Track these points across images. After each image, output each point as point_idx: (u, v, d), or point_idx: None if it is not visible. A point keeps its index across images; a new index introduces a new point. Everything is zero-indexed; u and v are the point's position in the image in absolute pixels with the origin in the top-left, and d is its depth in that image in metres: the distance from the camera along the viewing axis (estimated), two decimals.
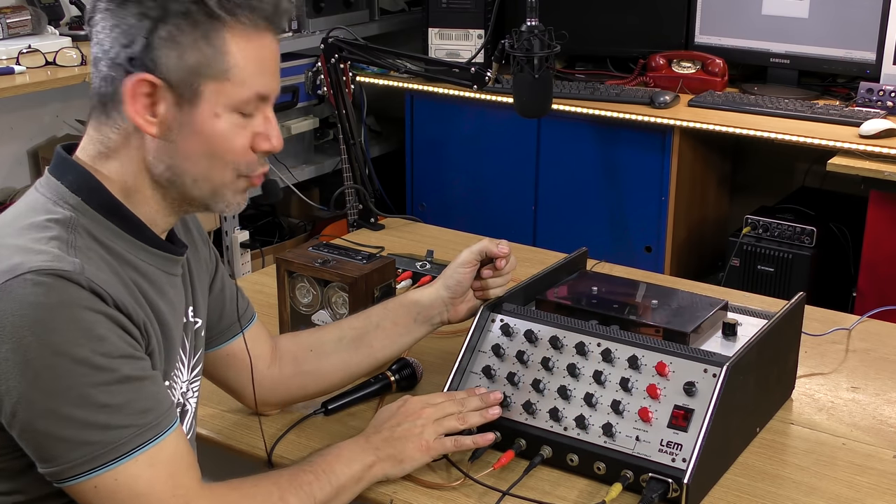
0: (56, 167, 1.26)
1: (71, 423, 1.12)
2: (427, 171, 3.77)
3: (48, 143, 3.54)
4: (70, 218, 1.20)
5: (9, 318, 1.10)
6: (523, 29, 2.04)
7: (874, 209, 2.85)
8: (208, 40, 1.18)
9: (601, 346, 1.44)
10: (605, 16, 3.60)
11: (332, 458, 1.35)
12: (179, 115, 1.21)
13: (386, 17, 4.14)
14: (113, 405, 1.14)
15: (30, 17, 3.23)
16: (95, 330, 1.13)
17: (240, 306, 1.51)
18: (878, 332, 1.86)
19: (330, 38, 2.38)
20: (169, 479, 1.18)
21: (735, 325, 1.54)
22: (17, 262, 1.13)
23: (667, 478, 1.32)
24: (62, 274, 1.12)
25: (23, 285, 1.11)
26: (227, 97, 1.21)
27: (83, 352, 1.12)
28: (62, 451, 1.13)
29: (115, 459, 1.14)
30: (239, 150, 1.24)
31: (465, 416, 1.43)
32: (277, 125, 1.28)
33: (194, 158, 1.23)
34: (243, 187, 1.28)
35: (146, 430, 1.16)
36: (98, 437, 1.13)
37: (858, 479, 1.42)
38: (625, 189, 3.36)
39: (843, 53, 3.27)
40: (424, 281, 2.02)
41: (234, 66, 1.20)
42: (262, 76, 1.23)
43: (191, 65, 1.18)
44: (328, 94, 2.40)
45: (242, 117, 1.23)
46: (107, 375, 1.13)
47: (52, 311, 1.11)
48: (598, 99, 3.30)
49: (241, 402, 1.56)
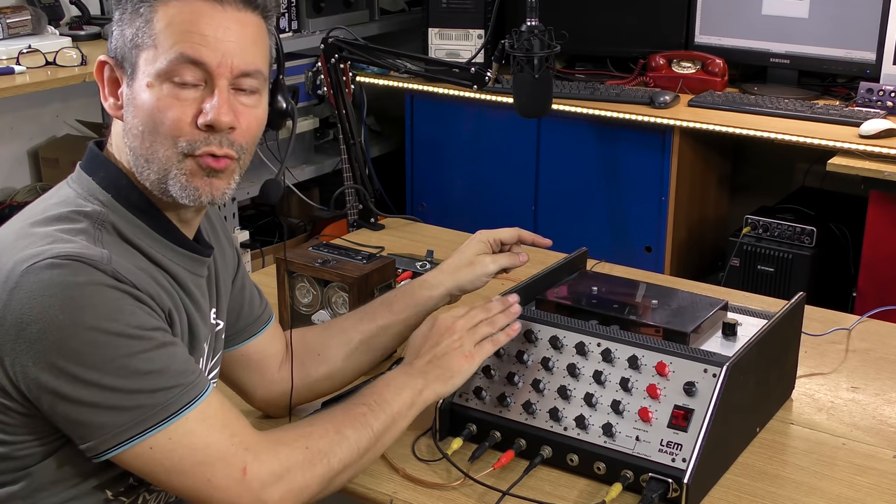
0: (88, 163, 1.29)
1: (117, 392, 1.13)
2: (427, 171, 3.77)
3: (48, 143, 3.54)
4: (99, 212, 1.22)
5: (36, 298, 1.12)
6: (523, 29, 2.04)
7: (874, 209, 2.85)
8: (139, 13, 1.21)
9: (601, 346, 1.44)
10: (605, 16, 3.60)
11: (381, 388, 1.35)
12: (129, 91, 1.23)
13: (386, 17, 4.14)
14: (156, 370, 1.16)
15: (30, 17, 3.22)
16: (123, 306, 1.15)
17: (258, 308, 1.52)
18: (878, 332, 1.86)
19: (330, 38, 2.38)
20: (224, 429, 1.20)
21: (735, 325, 1.54)
22: (43, 248, 1.14)
23: (667, 478, 1.32)
24: (85, 259, 1.14)
25: (48, 268, 1.12)
26: (154, 64, 1.20)
27: (116, 325, 1.13)
28: (111, 419, 1.14)
29: (167, 419, 1.16)
30: (171, 122, 1.20)
31: (493, 320, 1.45)
32: (227, 100, 1.22)
33: (139, 135, 1.22)
34: (195, 167, 1.23)
35: (191, 388, 1.18)
36: (147, 400, 1.15)
37: (858, 479, 1.41)
38: (625, 189, 3.36)
39: (843, 53, 3.27)
40: None
41: (160, 31, 1.20)
42: (187, 39, 1.19)
43: (129, 39, 1.22)
44: (328, 94, 2.41)
45: (178, 87, 1.20)
46: (144, 343, 1.15)
47: (78, 289, 1.12)
48: (598, 99, 3.30)
49: (250, 403, 1.56)
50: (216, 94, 1.21)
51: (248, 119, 1.25)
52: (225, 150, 1.24)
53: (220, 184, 1.26)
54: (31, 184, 3.49)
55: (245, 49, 1.23)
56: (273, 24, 1.30)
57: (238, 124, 1.24)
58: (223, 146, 1.23)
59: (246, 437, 1.22)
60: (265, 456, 1.21)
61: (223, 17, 1.21)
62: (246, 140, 1.26)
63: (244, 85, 1.24)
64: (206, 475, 1.18)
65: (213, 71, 1.21)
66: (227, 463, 1.19)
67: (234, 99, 1.24)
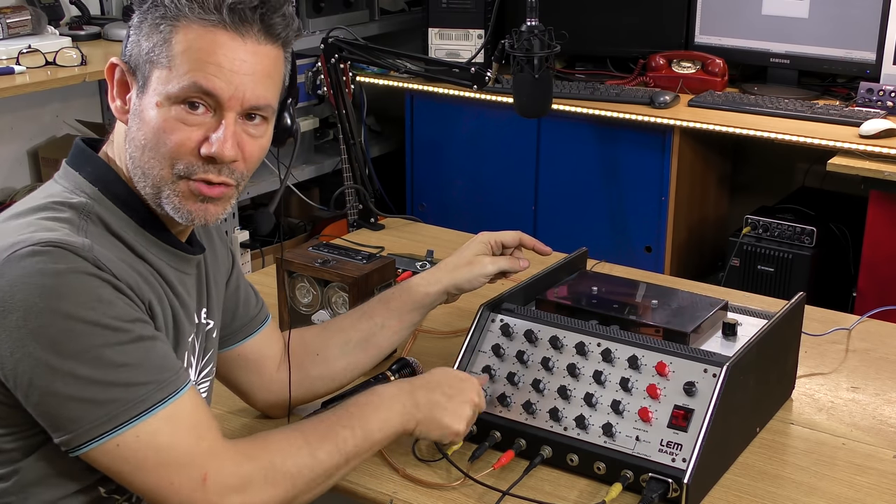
0: (74, 158, 1.29)
1: (90, 383, 1.13)
2: (427, 171, 3.77)
3: (48, 143, 3.54)
4: (85, 204, 1.22)
5: (17, 286, 1.12)
6: (523, 29, 2.04)
7: (874, 209, 2.85)
8: (159, 29, 1.20)
9: (601, 346, 1.44)
10: (605, 16, 3.60)
11: (368, 410, 1.32)
12: (137, 101, 1.23)
13: (386, 17, 4.14)
14: (131, 364, 1.15)
15: (30, 17, 3.22)
16: (102, 295, 1.14)
17: (253, 308, 1.52)
18: (878, 332, 1.86)
19: (330, 38, 2.38)
20: (192, 431, 1.19)
21: (735, 325, 1.54)
22: (26, 236, 1.15)
23: (667, 478, 1.32)
24: (66, 246, 1.14)
25: (29, 255, 1.12)
26: (166, 85, 1.20)
27: (94, 314, 1.13)
28: (83, 413, 1.13)
29: (137, 416, 1.15)
30: (173, 145, 1.20)
31: None
32: (234, 133, 1.22)
33: (140, 147, 1.23)
34: (187, 191, 1.23)
35: (165, 386, 1.17)
36: (119, 394, 1.14)
37: (858, 479, 1.41)
38: (625, 189, 3.36)
39: (843, 53, 3.27)
40: None
41: (177, 54, 1.20)
42: (202, 69, 1.19)
43: (144, 51, 1.21)
44: (328, 94, 2.41)
45: (187, 112, 1.20)
46: (121, 336, 1.14)
47: (58, 277, 1.12)
48: (598, 99, 3.30)
49: (248, 403, 1.56)
50: (223, 126, 1.21)
51: (251, 148, 1.25)
52: (222, 179, 1.24)
53: (214, 209, 1.26)
54: (30, 184, 3.49)
55: (258, 83, 1.22)
56: (290, 52, 1.29)
57: (241, 156, 1.24)
58: (221, 174, 1.23)
59: (213, 443, 1.20)
60: (229, 466, 1.20)
61: (242, 50, 1.20)
62: (247, 167, 1.27)
63: (253, 114, 1.25)
64: (169, 477, 1.17)
65: (224, 103, 1.21)
66: (190, 467, 1.18)
67: (241, 128, 1.23)
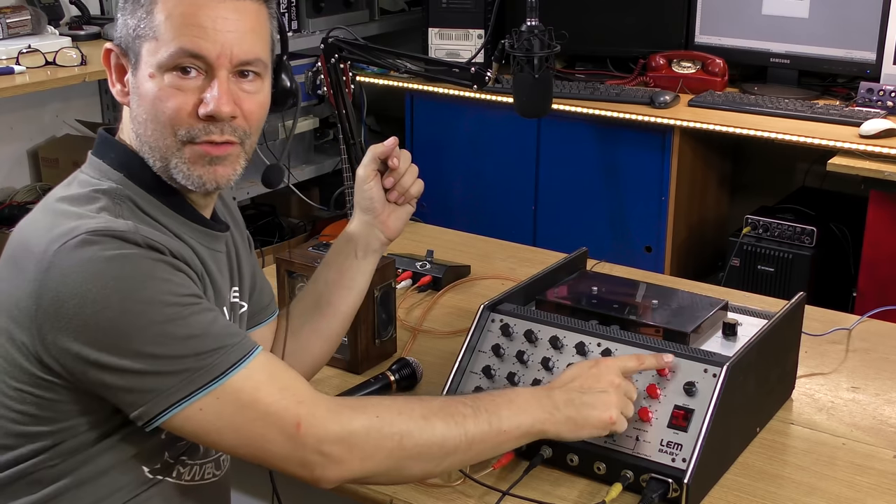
0: (98, 147, 1.31)
1: (158, 359, 1.14)
2: (427, 171, 3.69)
3: (48, 143, 3.54)
4: (115, 189, 1.24)
5: (71, 276, 1.13)
6: (523, 29, 2.04)
7: (874, 209, 2.84)
8: (139, 3, 1.23)
9: (601, 346, 1.44)
10: (605, 16, 3.60)
11: (500, 402, 1.28)
12: (133, 80, 1.25)
13: (386, 17, 4.14)
14: (196, 335, 1.16)
15: (30, 17, 3.23)
16: (158, 274, 1.16)
17: (266, 297, 1.54)
18: (878, 332, 1.86)
19: (330, 38, 2.37)
20: (274, 384, 1.19)
21: (735, 325, 1.54)
22: (73, 225, 1.16)
23: (667, 478, 1.32)
24: (117, 234, 1.15)
25: (79, 245, 1.14)
26: (156, 56, 1.22)
27: (150, 293, 1.14)
28: (157, 384, 1.14)
29: (214, 379, 1.15)
30: (172, 112, 1.22)
31: None
32: (228, 90, 1.24)
33: (143, 123, 1.25)
34: (193, 156, 1.25)
35: (237, 349, 1.18)
36: (191, 363, 1.15)
37: (858, 479, 1.41)
38: (625, 189, 3.36)
39: (843, 53, 3.26)
40: (425, 281, 2.02)
41: (161, 23, 1.22)
42: (187, 32, 1.21)
43: (131, 29, 1.24)
44: (328, 94, 2.40)
45: (180, 78, 1.22)
46: (180, 310, 1.16)
47: (113, 262, 1.14)
48: (598, 99, 3.30)
49: None
50: (216, 84, 1.23)
51: (249, 105, 1.27)
52: (226, 137, 1.25)
53: (223, 170, 1.27)
54: (30, 184, 3.49)
55: (244, 38, 1.24)
56: (273, 7, 1.31)
57: (239, 112, 1.25)
58: (224, 133, 1.25)
59: (302, 393, 1.19)
60: (324, 413, 1.18)
61: (221, 8, 1.23)
62: (249, 124, 1.28)
63: (245, 70, 1.26)
64: (259, 431, 1.17)
65: (213, 62, 1.23)
66: (279, 416, 1.16)
67: (236, 86, 1.25)
